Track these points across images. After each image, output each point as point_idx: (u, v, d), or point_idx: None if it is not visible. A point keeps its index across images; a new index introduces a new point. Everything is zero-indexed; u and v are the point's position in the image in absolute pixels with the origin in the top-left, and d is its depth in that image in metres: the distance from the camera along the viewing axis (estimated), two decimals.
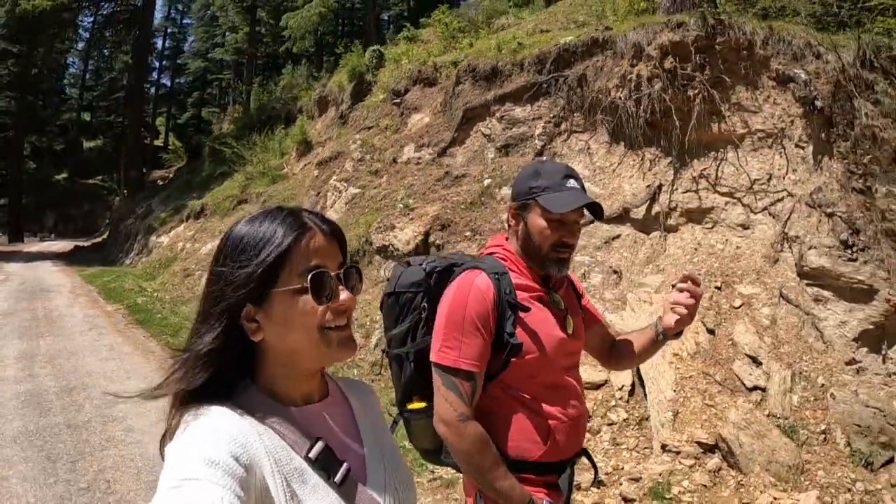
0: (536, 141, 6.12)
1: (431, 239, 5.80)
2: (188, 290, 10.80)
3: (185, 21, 44.57)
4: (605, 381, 3.94)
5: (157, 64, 43.59)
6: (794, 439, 3.60)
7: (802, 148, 4.68)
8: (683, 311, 1.51)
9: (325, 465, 0.84)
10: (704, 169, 4.87)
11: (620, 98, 5.31)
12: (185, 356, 0.83)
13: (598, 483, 1.64)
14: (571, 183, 1.52)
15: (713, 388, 3.78)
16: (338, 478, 0.85)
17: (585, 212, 1.58)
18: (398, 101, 10.09)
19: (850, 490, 3.38)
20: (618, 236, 4.91)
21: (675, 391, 3.70)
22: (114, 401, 4.85)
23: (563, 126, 6.02)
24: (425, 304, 1.58)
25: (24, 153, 33.68)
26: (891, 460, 3.58)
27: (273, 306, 0.83)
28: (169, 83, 45.53)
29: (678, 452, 3.47)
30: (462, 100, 7.66)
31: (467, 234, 5.67)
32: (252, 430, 0.79)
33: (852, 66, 4.65)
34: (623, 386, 3.88)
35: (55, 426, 4.28)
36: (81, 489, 3.30)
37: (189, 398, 0.82)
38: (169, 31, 44.46)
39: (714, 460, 3.43)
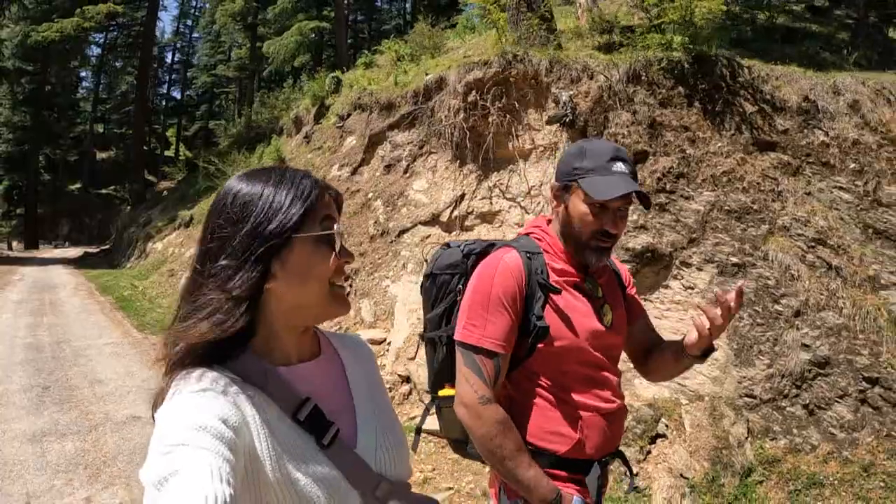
0: (404, 161, 8.54)
1: None
2: (170, 288, 13.42)
3: (194, 35, 48.29)
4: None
5: (166, 77, 47.42)
6: None
7: None
8: (705, 331, 1.44)
9: (313, 426, 0.89)
10: (499, 180, 7.11)
11: (447, 126, 7.68)
12: (220, 297, 0.86)
13: (634, 489, 1.46)
14: (618, 166, 1.48)
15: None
16: (326, 439, 0.89)
17: (635, 198, 1.52)
18: (341, 124, 12.59)
19: None
20: (429, 235, 7.25)
21: (404, 341, 6.01)
22: (86, 347, 7.45)
23: (424, 148, 8.40)
24: (461, 286, 1.59)
25: (38, 165, 37.34)
26: None
27: (293, 253, 0.89)
28: (179, 95, 49.30)
29: None
30: (370, 126, 10.12)
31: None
32: (241, 392, 0.84)
33: (619, 82, 5.82)
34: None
35: (44, 358, 6.88)
36: (52, 381, 5.89)
37: (181, 362, 0.85)
38: (178, 45, 48.19)
39: None
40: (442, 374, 1.61)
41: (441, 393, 1.61)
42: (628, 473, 1.68)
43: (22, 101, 33.87)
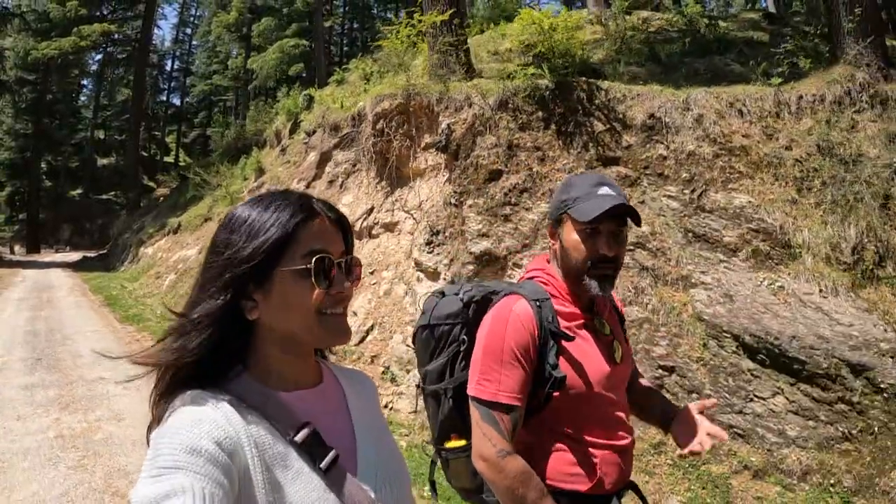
0: (340, 178, 10.39)
1: None
2: (156, 289, 15.35)
3: (193, 43, 50.54)
4: None
5: (167, 84, 49.74)
6: (338, 358, 4.97)
7: (444, 177, 7.31)
8: (698, 449, 1.54)
9: (310, 450, 0.91)
10: (400, 195, 8.70)
11: (365, 148, 9.46)
12: (181, 323, 0.93)
13: None
14: (604, 190, 1.57)
15: None
16: (324, 464, 0.91)
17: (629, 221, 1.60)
18: (307, 140, 14.44)
19: None
20: None
21: None
22: (74, 333, 9.38)
23: (356, 167, 10.22)
24: (464, 337, 1.64)
25: (40, 171, 39.67)
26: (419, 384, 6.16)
27: (273, 286, 0.92)
28: (179, 102, 51.54)
29: None
30: (322, 145, 11.97)
31: None
32: (236, 415, 0.87)
33: (491, 109, 6.75)
34: None
35: (39, 340, 8.83)
36: (44, 355, 7.81)
37: (177, 384, 0.91)
38: (178, 53, 50.54)
39: None
40: (448, 425, 1.66)
41: (448, 445, 1.67)
42: (643, 501, 1.73)
43: (24, 109, 36.12)
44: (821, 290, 4.84)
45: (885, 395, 4.12)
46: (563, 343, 1.52)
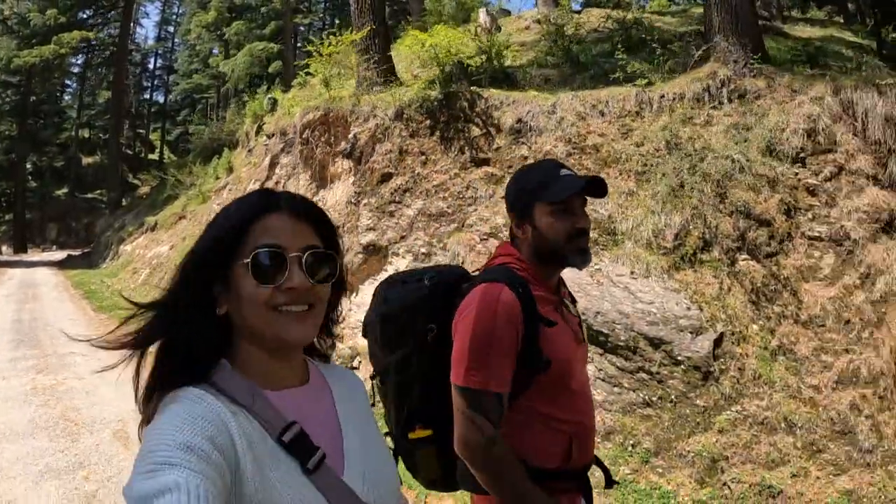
0: (283, 180, 12.05)
1: None
2: (132, 283, 17.04)
3: (176, 40, 51.95)
4: None
5: (149, 83, 51.26)
6: None
7: (351, 179, 8.35)
8: None
9: (298, 450, 0.93)
10: (323, 195, 9.98)
11: (294, 154, 11.11)
12: (138, 312, 1.00)
13: (612, 483, 1.74)
14: (564, 171, 1.69)
15: None
16: (311, 464, 0.93)
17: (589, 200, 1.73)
18: (267, 144, 16.08)
19: None
20: None
21: None
22: (54, 321, 11.13)
23: (295, 170, 11.89)
24: (433, 325, 1.68)
25: (26, 172, 41.13)
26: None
27: (231, 280, 0.97)
28: (163, 100, 52.95)
29: None
30: (274, 148, 13.62)
31: None
32: (227, 412, 0.89)
33: (390, 119, 7.76)
34: None
35: (23, 327, 10.58)
36: (26, 337, 9.57)
37: (164, 381, 0.94)
38: (160, 51, 51.96)
39: None
40: (414, 416, 1.71)
41: (413, 436, 1.71)
42: (605, 472, 1.85)
43: (8, 111, 37.49)
44: (632, 272, 5.27)
45: (683, 366, 4.58)
46: (544, 329, 1.60)
